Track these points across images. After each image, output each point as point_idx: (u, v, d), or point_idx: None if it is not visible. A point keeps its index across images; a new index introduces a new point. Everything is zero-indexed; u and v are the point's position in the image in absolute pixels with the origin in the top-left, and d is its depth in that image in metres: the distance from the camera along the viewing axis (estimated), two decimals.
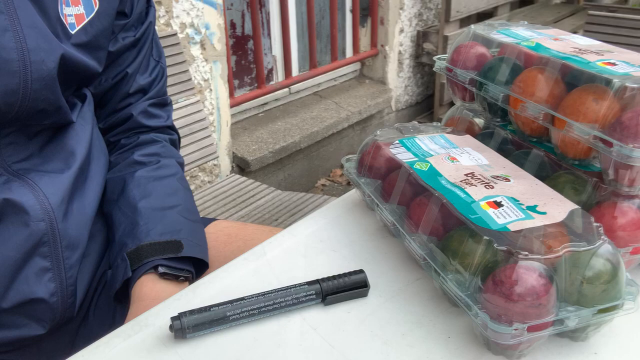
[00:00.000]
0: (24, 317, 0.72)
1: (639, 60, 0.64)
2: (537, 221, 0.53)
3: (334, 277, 0.59)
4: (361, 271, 0.60)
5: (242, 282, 0.63)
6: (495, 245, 0.51)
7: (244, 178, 1.91)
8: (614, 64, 0.63)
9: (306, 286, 0.58)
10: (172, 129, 0.96)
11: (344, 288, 0.59)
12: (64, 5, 0.74)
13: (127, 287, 0.75)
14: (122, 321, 0.71)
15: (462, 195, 0.58)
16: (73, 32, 0.75)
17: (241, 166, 2.40)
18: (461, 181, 0.61)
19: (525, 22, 0.85)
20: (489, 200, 0.56)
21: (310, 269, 0.64)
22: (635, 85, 0.57)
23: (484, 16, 3.42)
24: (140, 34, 0.88)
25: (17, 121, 0.69)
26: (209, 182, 2.27)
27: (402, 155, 0.68)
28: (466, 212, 0.55)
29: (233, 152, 2.39)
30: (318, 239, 0.71)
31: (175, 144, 0.97)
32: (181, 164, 0.92)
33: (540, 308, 0.48)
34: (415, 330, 0.56)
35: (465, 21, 3.17)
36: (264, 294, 0.57)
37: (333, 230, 0.72)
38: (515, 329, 0.48)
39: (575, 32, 1.45)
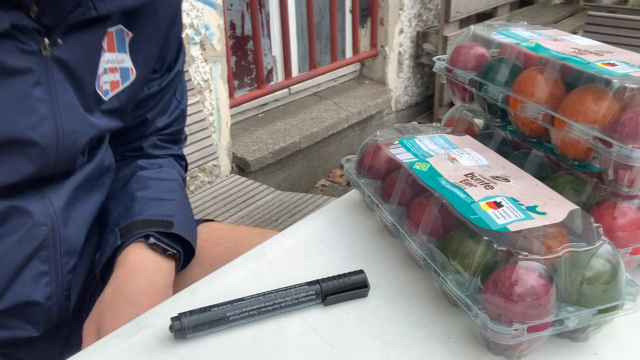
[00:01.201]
0: (19, 319, 0.72)
1: (639, 60, 0.64)
2: (536, 221, 0.53)
3: (334, 278, 0.59)
4: (361, 271, 0.60)
5: (242, 282, 0.63)
6: (495, 245, 0.51)
7: (243, 178, 1.91)
8: (613, 65, 0.63)
9: (306, 286, 0.58)
10: (181, 158, 0.96)
11: (344, 288, 0.59)
12: (101, 75, 0.75)
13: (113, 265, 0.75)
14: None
15: (462, 195, 0.58)
16: (106, 99, 0.76)
17: (241, 167, 2.40)
18: (461, 181, 0.61)
19: (525, 23, 0.85)
20: (488, 201, 0.57)
21: (310, 269, 0.64)
22: (634, 86, 0.57)
23: (483, 17, 3.42)
24: (165, 82, 0.87)
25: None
26: (208, 182, 2.27)
27: (402, 155, 0.68)
28: (466, 212, 0.55)
29: (233, 153, 2.39)
30: (318, 240, 0.71)
31: (182, 169, 0.96)
32: (183, 179, 0.92)
33: (540, 308, 0.48)
34: (415, 331, 0.56)
35: (465, 22, 3.17)
36: (264, 294, 0.57)
37: (333, 231, 0.72)
38: (515, 330, 0.48)
39: (574, 33, 1.45)
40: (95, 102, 0.75)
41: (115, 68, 0.76)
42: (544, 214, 0.54)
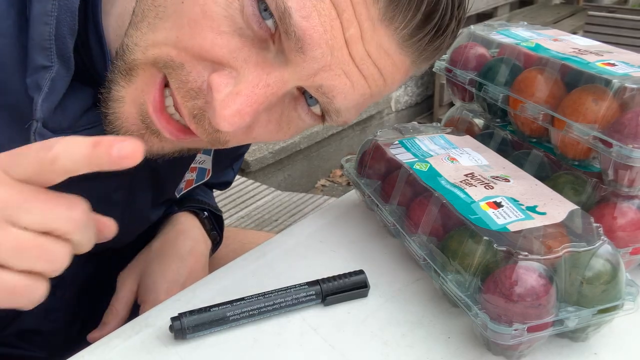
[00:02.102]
0: (26, 342, 0.73)
1: (639, 60, 0.64)
2: (536, 221, 0.53)
3: (334, 278, 0.59)
4: (361, 272, 0.60)
5: (242, 282, 0.63)
6: (495, 245, 0.51)
7: (243, 178, 1.91)
8: (613, 65, 0.63)
9: (306, 287, 0.58)
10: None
11: (344, 289, 0.59)
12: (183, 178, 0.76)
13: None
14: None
15: (462, 195, 0.58)
16: (177, 196, 0.77)
17: (241, 166, 2.41)
18: (461, 181, 0.61)
19: (525, 23, 0.85)
20: (488, 201, 0.57)
21: (310, 270, 0.64)
22: (634, 86, 0.57)
23: (483, 17, 3.42)
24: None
25: None
26: None
27: (402, 155, 0.68)
28: (466, 212, 0.55)
29: None
30: (318, 240, 0.71)
31: None
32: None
33: (540, 308, 0.48)
34: (415, 331, 0.56)
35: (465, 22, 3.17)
36: (264, 294, 0.57)
37: (333, 231, 0.72)
38: (515, 330, 0.48)
39: (574, 33, 1.45)
40: (165, 200, 0.76)
41: (195, 168, 0.76)
42: (544, 214, 0.54)
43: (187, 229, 0.79)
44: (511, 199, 0.57)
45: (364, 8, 0.46)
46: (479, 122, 0.83)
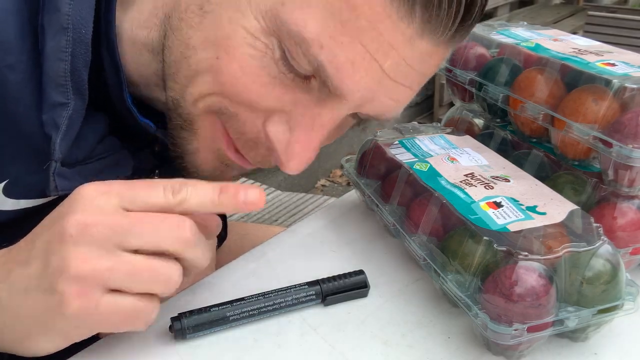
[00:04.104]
0: None
1: (639, 60, 0.64)
2: (536, 222, 0.53)
3: (334, 278, 0.59)
4: (361, 272, 0.60)
5: (242, 282, 0.63)
6: (495, 245, 0.51)
7: (244, 178, 1.91)
8: (613, 65, 0.63)
9: (306, 287, 0.58)
10: None
11: (344, 289, 0.59)
12: None
13: None
14: None
15: (462, 195, 0.58)
16: None
17: None
18: (461, 182, 0.61)
19: (525, 23, 0.85)
20: (488, 201, 0.57)
21: (310, 270, 0.64)
22: (634, 86, 0.57)
23: (483, 17, 3.42)
24: None
25: None
26: None
27: (402, 155, 0.68)
28: (466, 212, 0.55)
29: None
30: (318, 240, 0.71)
31: None
32: None
33: (540, 308, 0.48)
34: (415, 331, 0.56)
35: None
36: (264, 294, 0.57)
37: (333, 231, 0.72)
38: (515, 330, 0.48)
39: (574, 33, 1.45)
40: None
41: None
42: (544, 214, 0.54)
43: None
44: (511, 199, 0.57)
45: (399, 34, 0.45)
46: (479, 122, 0.83)
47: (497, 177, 0.62)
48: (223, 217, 0.87)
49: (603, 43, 0.73)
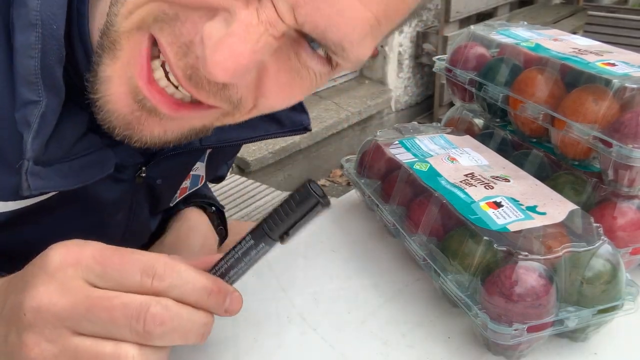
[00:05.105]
0: None
1: (639, 60, 0.64)
2: (536, 222, 0.53)
3: (276, 212, 0.45)
4: (304, 186, 0.44)
5: (242, 282, 0.63)
6: (495, 245, 0.51)
7: (243, 178, 1.91)
8: (613, 65, 0.63)
9: (251, 241, 0.47)
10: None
11: (293, 217, 0.45)
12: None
13: None
14: None
15: (462, 195, 0.58)
16: (171, 204, 0.77)
17: (241, 166, 2.40)
18: (461, 181, 0.61)
19: (525, 23, 0.85)
20: (488, 201, 0.57)
21: (310, 269, 0.65)
22: (634, 86, 0.57)
23: (483, 17, 3.42)
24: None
25: None
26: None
27: (402, 155, 0.68)
28: (466, 212, 0.55)
29: None
30: (318, 239, 0.71)
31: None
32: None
33: (540, 308, 0.48)
34: (415, 331, 0.56)
35: (464, 22, 3.17)
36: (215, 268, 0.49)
37: (333, 231, 0.72)
38: (515, 330, 0.48)
39: (574, 33, 1.45)
40: (162, 209, 0.76)
41: (189, 175, 0.75)
42: (544, 214, 0.54)
43: (197, 225, 0.80)
44: (511, 199, 0.57)
45: None
46: (479, 122, 0.83)
47: (497, 177, 0.62)
48: (223, 217, 0.88)
49: (603, 43, 0.73)
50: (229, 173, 2.31)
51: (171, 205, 0.77)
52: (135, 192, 0.64)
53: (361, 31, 0.43)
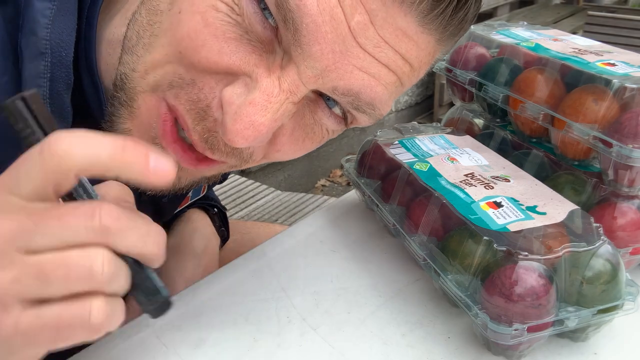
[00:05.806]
0: None
1: (639, 60, 0.64)
2: (536, 221, 0.53)
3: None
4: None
5: (242, 282, 0.63)
6: (495, 245, 0.51)
7: (243, 178, 1.91)
8: (613, 65, 0.63)
9: None
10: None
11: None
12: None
13: None
14: None
15: (462, 195, 0.58)
16: (173, 213, 0.77)
17: None
18: (461, 181, 0.61)
19: (525, 23, 0.85)
20: (488, 201, 0.57)
21: (310, 269, 0.65)
22: (634, 86, 0.57)
23: (483, 17, 3.42)
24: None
25: None
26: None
27: (402, 155, 0.68)
28: (466, 212, 0.55)
29: None
30: (318, 239, 0.71)
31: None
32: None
33: (540, 308, 0.48)
34: (415, 331, 0.56)
35: None
36: None
37: (333, 231, 0.72)
38: (515, 330, 0.48)
39: (574, 33, 1.45)
40: (164, 220, 0.76)
41: None
42: (544, 214, 0.54)
43: (200, 227, 0.80)
44: (511, 199, 0.57)
45: None
46: (479, 122, 0.83)
47: (497, 177, 0.62)
48: (224, 216, 0.88)
49: (603, 43, 0.73)
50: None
51: (173, 214, 0.78)
52: (139, 209, 0.64)
53: (389, 92, 0.46)
